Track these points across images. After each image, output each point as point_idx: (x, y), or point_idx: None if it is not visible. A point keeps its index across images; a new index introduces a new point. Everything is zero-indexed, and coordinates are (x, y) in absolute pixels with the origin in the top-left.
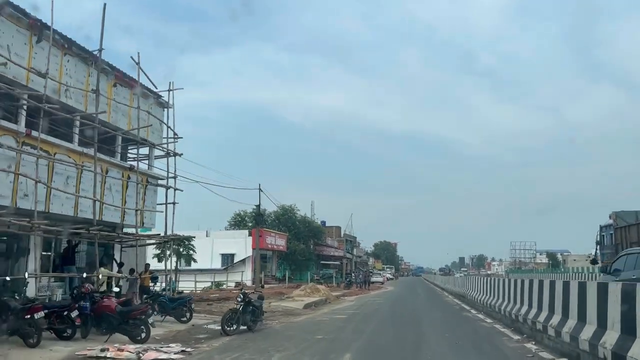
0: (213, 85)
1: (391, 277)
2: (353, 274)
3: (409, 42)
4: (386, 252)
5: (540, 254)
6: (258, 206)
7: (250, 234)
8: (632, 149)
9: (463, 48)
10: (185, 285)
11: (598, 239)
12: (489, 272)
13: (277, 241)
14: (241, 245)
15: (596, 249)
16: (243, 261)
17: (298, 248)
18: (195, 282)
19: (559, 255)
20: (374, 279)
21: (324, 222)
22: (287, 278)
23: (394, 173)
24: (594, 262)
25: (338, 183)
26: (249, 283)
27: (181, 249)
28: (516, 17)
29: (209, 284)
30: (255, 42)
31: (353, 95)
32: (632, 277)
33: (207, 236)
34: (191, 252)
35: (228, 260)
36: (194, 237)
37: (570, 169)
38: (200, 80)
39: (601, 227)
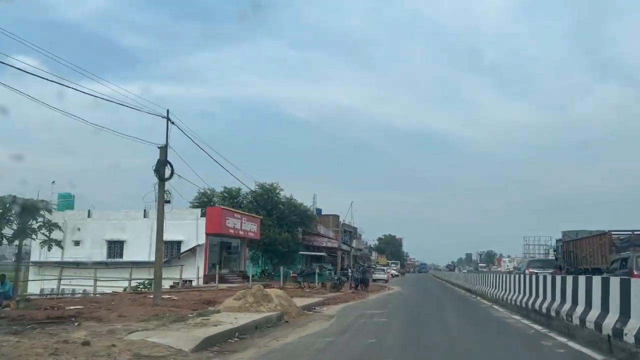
0: (218, 81)
1: (397, 273)
2: (350, 270)
3: (414, 39)
4: (391, 247)
5: (554, 250)
6: (164, 148)
7: (203, 214)
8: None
9: (469, 45)
10: (82, 284)
11: (555, 249)
12: (499, 268)
13: (244, 225)
14: (191, 229)
15: (555, 256)
16: (193, 250)
17: (280, 237)
18: (96, 280)
19: None
20: (376, 275)
21: (319, 210)
22: (251, 276)
23: (399, 169)
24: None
25: (342, 178)
26: (197, 281)
27: (37, 226)
28: (523, 13)
29: (134, 283)
30: (260, 38)
31: (359, 91)
32: (521, 270)
33: (145, 217)
34: (52, 229)
35: (173, 249)
36: (53, 204)
37: (578, 166)
38: (206, 76)
39: (557, 240)
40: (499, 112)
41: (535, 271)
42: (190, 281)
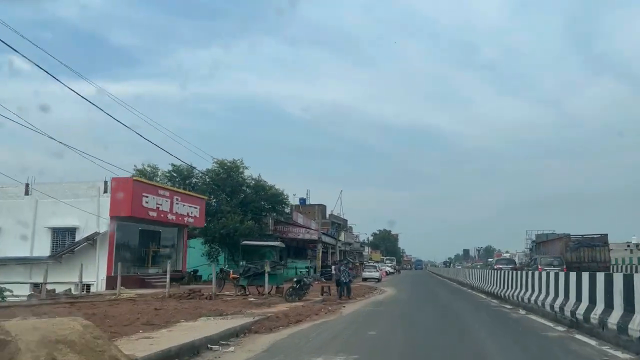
0: (214, 78)
1: (392, 270)
2: (333, 268)
3: (410, 35)
4: (386, 243)
5: (529, 249)
6: None
7: (107, 190)
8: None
9: (465, 41)
10: None
11: (530, 247)
12: None
13: (177, 207)
14: (92, 210)
15: (530, 253)
16: (91, 241)
17: (242, 226)
18: None
19: None
20: (366, 274)
21: (303, 200)
22: (170, 277)
23: (396, 166)
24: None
25: (338, 175)
26: (98, 285)
27: None
28: (518, 9)
29: None
30: (256, 35)
31: (355, 89)
32: (490, 264)
33: (27, 194)
34: None
35: (66, 239)
36: None
37: (574, 162)
38: (201, 74)
39: (532, 241)
40: (495, 109)
41: (501, 267)
42: (88, 286)
